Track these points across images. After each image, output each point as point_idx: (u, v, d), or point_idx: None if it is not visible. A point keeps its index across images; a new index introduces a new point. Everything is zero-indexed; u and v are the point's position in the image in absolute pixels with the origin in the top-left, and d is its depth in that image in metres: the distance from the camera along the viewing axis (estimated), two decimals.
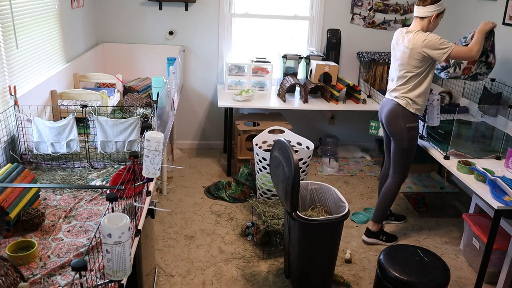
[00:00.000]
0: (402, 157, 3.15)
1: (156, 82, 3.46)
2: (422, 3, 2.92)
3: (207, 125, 4.88)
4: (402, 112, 3.03)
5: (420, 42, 2.87)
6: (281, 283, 2.85)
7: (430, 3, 2.90)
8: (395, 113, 3.06)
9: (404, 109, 3.02)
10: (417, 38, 2.89)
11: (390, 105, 3.09)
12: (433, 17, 2.92)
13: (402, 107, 3.02)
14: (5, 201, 1.83)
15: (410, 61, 2.94)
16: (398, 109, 3.04)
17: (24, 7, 2.74)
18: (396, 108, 3.05)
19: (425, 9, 2.91)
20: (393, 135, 3.13)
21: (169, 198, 3.81)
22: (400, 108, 3.03)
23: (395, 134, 3.10)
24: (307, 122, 4.91)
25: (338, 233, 2.62)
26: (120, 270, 1.38)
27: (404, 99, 3.01)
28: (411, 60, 2.94)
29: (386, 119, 3.13)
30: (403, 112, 3.03)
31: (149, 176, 1.92)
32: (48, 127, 2.42)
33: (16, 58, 2.62)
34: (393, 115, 3.07)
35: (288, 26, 4.70)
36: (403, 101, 3.02)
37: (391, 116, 3.09)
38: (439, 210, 3.83)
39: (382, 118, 3.20)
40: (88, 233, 1.88)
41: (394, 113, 3.07)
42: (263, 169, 3.51)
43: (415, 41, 2.90)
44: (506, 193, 2.41)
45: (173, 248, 3.14)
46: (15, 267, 1.44)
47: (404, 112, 3.03)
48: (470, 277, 3.00)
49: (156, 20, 4.42)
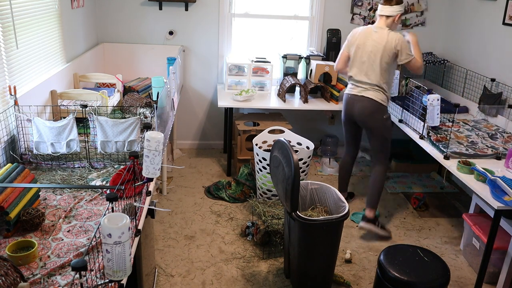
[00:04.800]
0: (383, 146, 3.37)
1: (156, 82, 3.46)
2: (388, 3, 3.19)
3: (207, 125, 4.88)
4: (377, 106, 3.25)
5: (394, 41, 3.13)
6: (281, 283, 2.85)
7: (395, 3, 3.18)
8: (372, 109, 3.25)
9: (379, 104, 3.24)
10: (391, 36, 3.15)
11: (365, 101, 3.26)
12: (398, 16, 3.21)
13: (377, 102, 3.23)
14: (5, 201, 1.83)
15: (383, 57, 3.17)
16: (374, 104, 3.24)
17: (24, 7, 2.74)
18: (372, 104, 3.24)
19: (392, 9, 3.18)
20: (372, 129, 3.32)
21: (169, 198, 3.81)
22: (376, 103, 3.24)
23: (374, 127, 3.31)
24: (307, 122, 4.91)
25: (338, 233, 2.62)
26: (120, 270, 1.38)
27: (379, 94, 3.23)
28: (384, 56, 3.17)
29: (363, 115, 3.30)
30: (379, 106, 3.25)
31: (149, 176, 1.92)
32: (48, 127, 2.42)
33: (16, 58, 2.62)
34: (370, 111, 3.26)
35: (288, 26, 4.70)
36: (379, 96, 3.23)
37: (368, 112, 3.27)
38: (439, 210, 3.83)
39: (355, 115, 3.35)
40: (88, 233, 1.88)
41: (370, 108, 3.26)
42: (263, 169, 3.51)
43: (389, 38, 3.15)
44: (506, 193, 2.41)
45: (173, 248, 3.14)
46: (15, 267, 1.44)
47: (379, 106, 3.25)
48: (470, 277, 3.00)
49: (156, 20, 4.42)
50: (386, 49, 3.14)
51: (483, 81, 3.79)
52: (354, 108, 3.33)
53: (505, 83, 3.56)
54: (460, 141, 3.15)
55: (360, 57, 3.26)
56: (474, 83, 3.93)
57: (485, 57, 3.90)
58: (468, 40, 4.18)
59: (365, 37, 3.24)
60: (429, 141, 3.14)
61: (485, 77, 3.77)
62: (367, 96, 3.24)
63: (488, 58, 3.87)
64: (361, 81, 3.27)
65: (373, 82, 3.22)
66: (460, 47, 4.32)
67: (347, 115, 3.44)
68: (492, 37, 3.81)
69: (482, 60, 3.94)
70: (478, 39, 4.03)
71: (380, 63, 3.18)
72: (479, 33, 4.01)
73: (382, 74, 3.20)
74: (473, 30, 4.11)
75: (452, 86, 4.30)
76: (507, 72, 3.59)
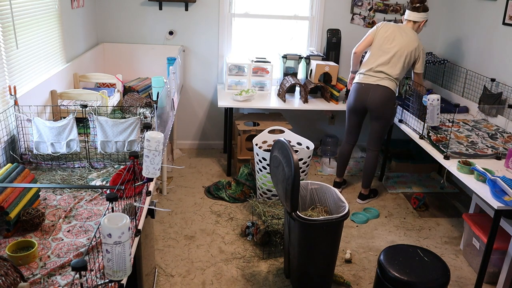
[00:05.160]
0: (384, 131, 3.67)
1: (156, 82, 3.46)
2: (416, 10, 3.47)
3: (207, 125, 4.88)
4: (392, 94, 3.48)
5: (420, 49, 3.47)
6: (281, 283, 2.85)
7: (422, 10, 3.47)
8: (387, 97, 3.46)
9: (392, 91, 3.48)
10: (420, 44, 3.47)
11: (381, 90, 3.46)
12: (423, 23, 3.52)
13: (391, 90, 3.46)
14: (5, 201, 1.83)
15: (409, 57, 3.43)
16: (389, 93, 3.46)
17: (24, 7, 2.74)
18: (387, 92, 3.45)
19: (419, 15, 3.47)
20: (382, 115, 3.53)
21: (169, 198, 3.81)
22: (390, 91, 3.46)
23: (386, 115, 3.54)
24: (307, 122, 4.91)
25: (338, 233, 2.62)
26: (120, 270, 1.38)
27: (393, 83, 3.46)
28: (411, 56, 3.44)
29: (378, 103, 3.48)
30: (392, 94, 3.49)
31: (149, 176, 1.92)
32: (48, 127, 2.41)
33: (16, 58, 2.62)
34: (386, 99, 3.47)
35: (288, 26, 4.70)
36: (392, 85, 3.46)
37: (383, 100, 3.47)
38: (439, 210, 3.83)
39: (368, 103, 3.52)
40: (88, 233, 1.88)
41: (386, 96, 3.46)
42: (263, 169, 3.51)
43: (419, 44, 3.46)
44: (506, 193, 2.41)
45: (173, 248, 3.14)
46: (15, 267, 1.44)
47: (393, 94, 3.50)
48: (470, 277, 3.00)
49: (156, 20, 4.42)
50: (414, 52, 3.44)
51: (483, 81, 3.79)
52: (369, 97, 3.49)
53: (505, 83, 3.56)
54: (460, 141, 3.15)
55: (386, 48, 3.46)
56: (474, 83, 3.92)
57: (485, 57, 3.90)
58: (468, 40, 4.18)
59: (398, 32, 3.46)
60: (429, 141, 3.14)
61: (485, 77, 3.77)
62: (383, 85, 3.44)
63: (488, 58, 3.87)
64: (380, 71, 3.46)
65: (392, 75, 3.45)
66: (460, 47, 4.32)
67: (357, 104, 3.58)
68: (492, 37, 3.81)
69: (482, 60, 3.94)
70: (478, 39, 4.03)
71: (405, 61, 3.44)
72: (479, 33, 4.01)
73: (403, 70, 3.48)
74: (473, 30, 4.11)
75: (452, 86, 4.30)
76: (507, 72, 3.59)
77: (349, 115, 3.74)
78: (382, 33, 3.49)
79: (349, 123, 3.78)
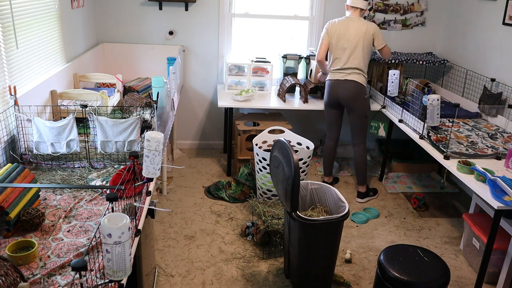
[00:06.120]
0: (363, 125, 3.78)
1: (156, 82, 3.46)
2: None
3: (207, 125, 4.88)
4: (361, 88, 3.64)
5: (372, 28, 3.60)
6: (281, 283, 2.85)
7: None
8: (356, 90, 3.63)
9: (362, 85, 3.64)
10: (369, 24, 3.61)
11: (350, 84, 3.62)
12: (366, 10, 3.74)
13: (361, 84, 3.63)
14: (5, 201, 1.83)
15: (365, 42, 3.59)
16: (357, 86, 3.62)
17: (24, 7, 2.74)
18: (355, 86, 3.62)
19: (364, 3, 3.66)
20: (356, 110, 3.69)
21: (169, 198, 3.81)
22: (358, 85, 3.63)
23: (359, 108, 3.68)
24: (307, 122, 4.91)
25: (338, 233, 2.62)
26: (120, 270, 1.38)
27: (360, 76, 3.62)
28: (365, 41, 3.59)
29: (348, 97, 3.65)
30: (362, 88, 3.65)
31: (149, 176, 1.92)
32: (48, 127, 2.42)
33: (16, 58, 2.62)
34: (354, 92, 3.63)
35: (288, 26, 4.70)
36: (360, 79, 3.62)
37: (352, 93, 3.63)
38: (439, 210, 3.83)
39: (340, 97, 3.69)
40: (88, 233, 1.88)
41: (354, 90, 3.63)
42: (263, 169, 3.51)
43: (368, 26, 3.60)
44: (506, 193, 2.41)
45: (173, 248, 3.14)
46: (15, 267, 1.44)
47: (363, 88, 3.65)
48: (470, 277, 3.00)
49: (156, 20, 4.42)
50: (366, 35, 3.58)
51: (483, 81, 3.79)
52: (339, 91, 3.67)
53: (505, 83, 3.56)
54: (460, 141, 3.15)
55: (341, 45, 3.63)
56: (474, 83, 3.93)
57: (485, 57, 3.90)
58: (468, 40, 4.18)
59: (345, 27, 3.62)
60: (429, 141, 3.14)
61: (485, 77, 3.77)
62: (351, 79, 3.62)
63: (488, 58, 3.87)
64: (343, 67, 3.63)
65: (355, 66, 3.61)
66: (460, 47, 4.32)
67: (331, 99, 3.76)
68: (492, 37, 3.81)
69: (482, 60, 3.94)
70: (478, 39, 4.03)
71: (362, 48, 3.59)
72: (479, 33, 4.01)
73: (363, 58, 3.62)
74: (473, 30, 4.11)
75: (452, 86, 4.30)
76: (507, 72, 3.59)
77: (326, 110, 3.91)
78: (333, 32, 3.66)
79: (328, 119, 3.94)
